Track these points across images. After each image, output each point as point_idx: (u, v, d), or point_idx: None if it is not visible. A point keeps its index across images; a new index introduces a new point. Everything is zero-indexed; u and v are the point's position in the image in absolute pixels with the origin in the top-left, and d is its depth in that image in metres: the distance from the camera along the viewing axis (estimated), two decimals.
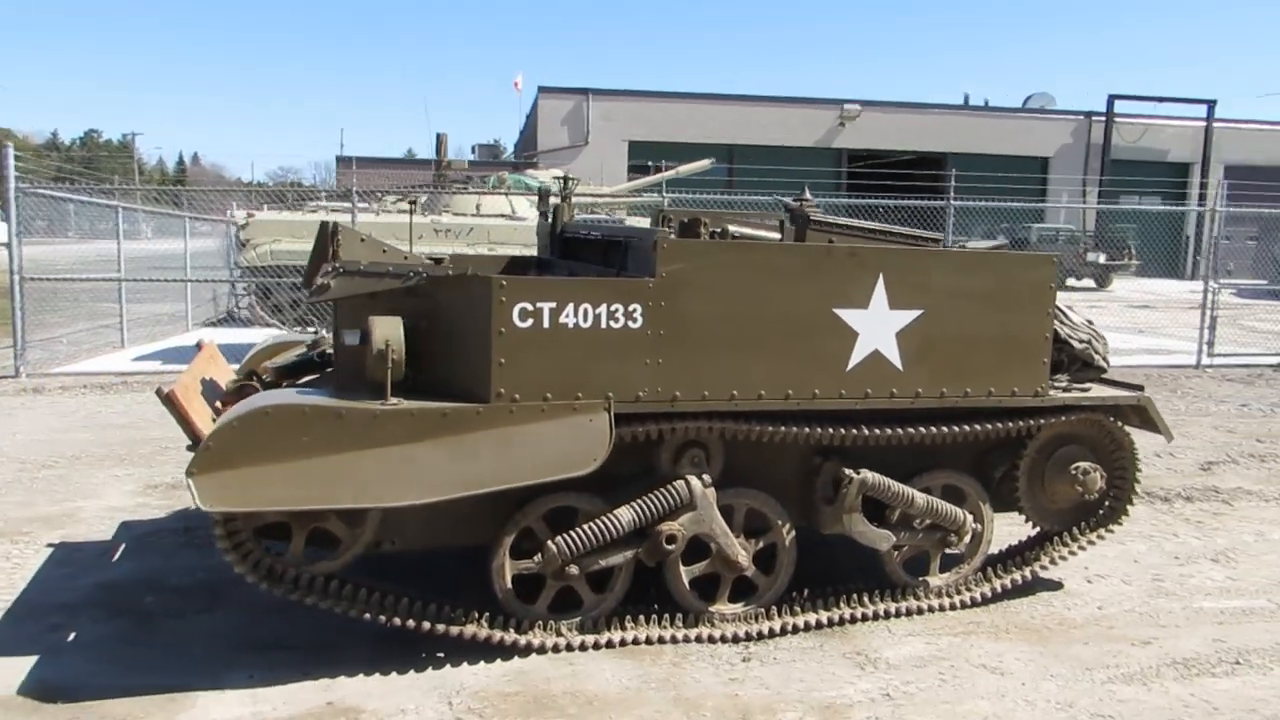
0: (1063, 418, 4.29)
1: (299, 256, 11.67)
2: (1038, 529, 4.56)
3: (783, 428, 3.89)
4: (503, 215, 12.36)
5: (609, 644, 3.83)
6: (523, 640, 3.72)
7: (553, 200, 5.55)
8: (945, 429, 4.08)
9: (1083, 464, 4.35)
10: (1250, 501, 6.07)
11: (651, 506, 3.78)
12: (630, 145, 32.07)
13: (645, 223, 7.40)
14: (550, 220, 5.39)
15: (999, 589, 4.34)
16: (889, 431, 4.01)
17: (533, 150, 32.46)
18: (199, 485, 3.21)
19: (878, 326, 3.93)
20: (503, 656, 3.71)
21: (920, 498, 4.12)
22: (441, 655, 3.72)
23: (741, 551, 3.92)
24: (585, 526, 3.72)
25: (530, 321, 3.53)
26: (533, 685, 3.52)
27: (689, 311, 3.69)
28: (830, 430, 3.94)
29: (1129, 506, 4.50)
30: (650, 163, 23.33)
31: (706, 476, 3.87)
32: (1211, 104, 35.66)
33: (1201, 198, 35.03)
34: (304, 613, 4.02)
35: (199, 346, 4.72)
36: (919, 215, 12.91)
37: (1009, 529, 4.72)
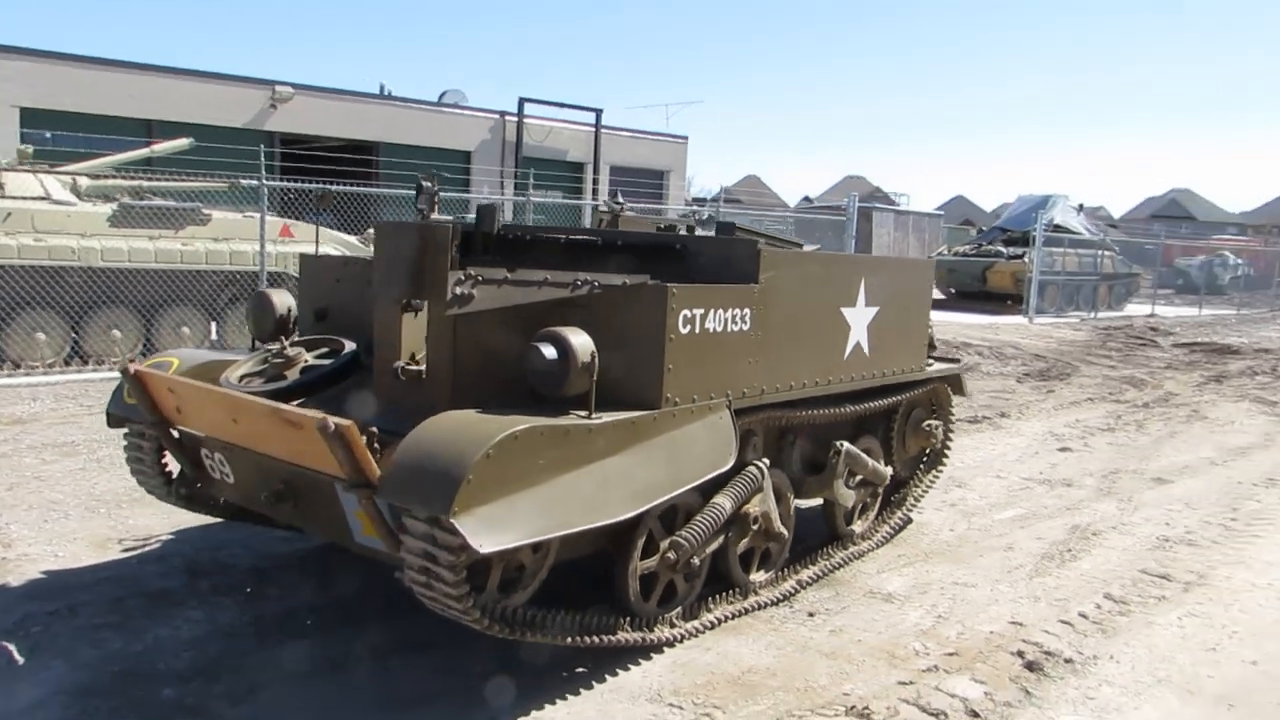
0: (928, 386, 5.49)
1: None
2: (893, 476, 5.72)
3: (809, 411, 4.49)
4: (41, 198, 10.23)
5: (710, 626, 4.10)
6: (661, 636, 3.84)
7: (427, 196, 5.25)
8: (884, 401, 5.02)
9: (930, 421, 5.60)
10: None
11: (739, 492, 4.13)
12: (22, 113, 27.15)
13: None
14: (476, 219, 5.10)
15: (893, 528, 5.42)
16: (859, 407, 4.82)
17: None
18: (467, 525, 2.88)
19: (859, 321, 4.71)
20: (643, 656, 3.80)
21: (870, 460, 5.01)
22: (584, 669, 3.68)
23: (782, 524, 4.44)
24: (700, 519, 3.95)
25: (689, 328, 3.68)
26: (708, 672, 3.71)
27: (775, 314, 4.11)
28: (829, 410, 4.63)
29: (948, 450, 5.89)
30: (48, 133, 20.41)
31: (766, 460, 4.31)
32: (599, 112, 41.21)
33: (595, 193, 40.54)
34: (368, 660, 3.67)
35: (130, 373, 3.76)
36: (354, 201, 12.72)
37: None
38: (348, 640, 3.85)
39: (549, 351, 3.34)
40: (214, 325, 10.99)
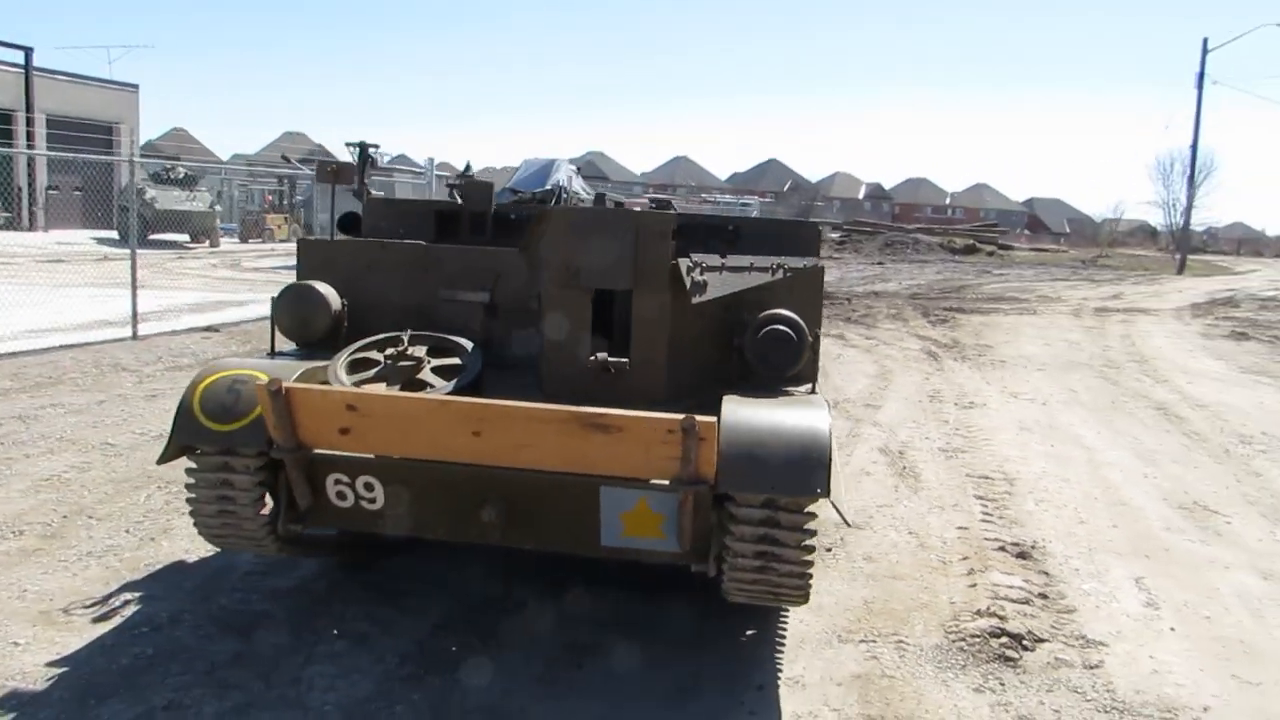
0: None
1: None
2: None
3: None
4: None
5: None
6: None
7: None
8: None
9: None
10: None
11: None
12: None
13: None
14: (460, 198, 4.60)
15: None
16: None
17: None
18: (843, 505, 3.10)
19: None
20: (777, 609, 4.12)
21: None
22: (753, 630, 3.95)
23: None
24: None
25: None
26: (843, 610, 4.20)
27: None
28: None
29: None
30: None
31: None
32: (29, 50, 34.60)
33: (29, 144, 34.25)
34: (573, 671, 3.67)
35: (280, 391, 3.08)
36: None
37: None
38: (524, 662, 3.61)
39: (787, 332, 3.52)
40: None
